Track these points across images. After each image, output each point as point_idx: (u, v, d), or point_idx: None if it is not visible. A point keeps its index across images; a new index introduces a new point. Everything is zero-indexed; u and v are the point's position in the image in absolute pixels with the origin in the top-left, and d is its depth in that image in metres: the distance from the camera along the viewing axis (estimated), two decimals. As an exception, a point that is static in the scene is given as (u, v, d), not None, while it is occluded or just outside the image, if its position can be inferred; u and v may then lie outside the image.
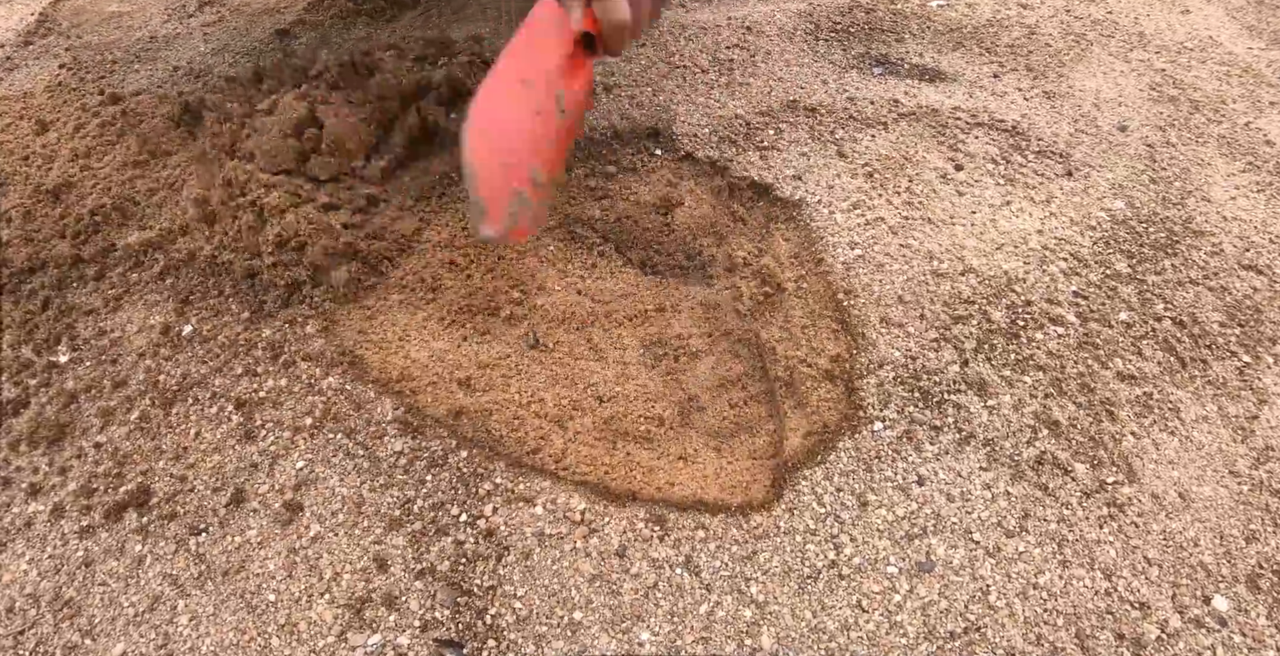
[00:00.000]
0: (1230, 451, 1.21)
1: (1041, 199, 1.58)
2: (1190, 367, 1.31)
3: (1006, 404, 1.21)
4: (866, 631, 0.97)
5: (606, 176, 1.55)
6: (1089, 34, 2.15)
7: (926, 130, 1.72)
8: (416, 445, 1.15)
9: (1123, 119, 1.84)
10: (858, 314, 1.31)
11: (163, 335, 1.31)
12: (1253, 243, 1.55)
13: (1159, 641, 1.00)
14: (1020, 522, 1.09)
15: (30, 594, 1.06)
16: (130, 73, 1.99)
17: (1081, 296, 1.39)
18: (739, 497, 1.08)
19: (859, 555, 1.04)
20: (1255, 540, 1.11)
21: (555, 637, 0.97)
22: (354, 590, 1.01)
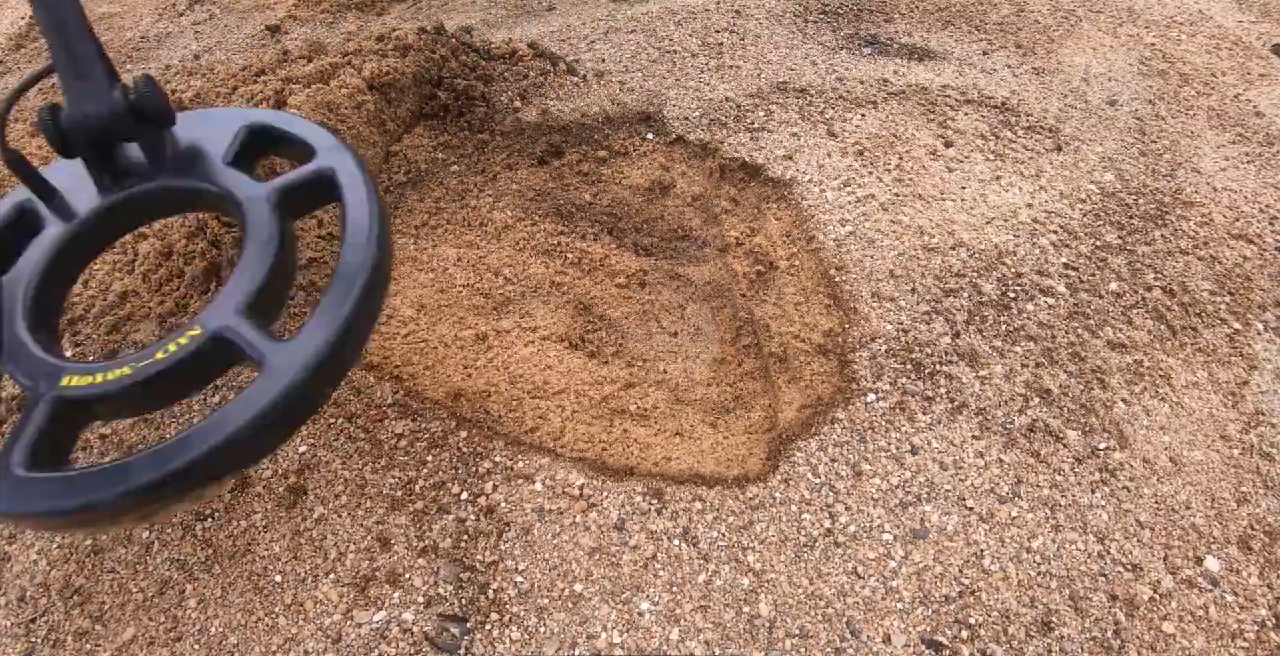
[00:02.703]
0: (1221, 416, 1.22)
1: (1031, 173, 1.59)
2: (1181, 335, 1.32)
3: (998, 373, 1.23)
4: (863, 597, 0.99)
5: (598, 161, 1.56)
6: (1078, 10, 2.15)
7: (916, 108, 1.72)
8: (416, 427, 1.16)
9: (1112, 93, 1.84)
10: (849, 289, 1.33)
11: (161, 327, 1.32)
12: (1242, 212, 1.56)
13: (1152, 602, 1.01)
14: (1013, 489, 1.10)
15: (41, 582, 1.08)
16: (123, 72, 2.00)
17: (1072, 268, 1.40)
18: (735, 470, 1.10)
19: (854, 523, 1.06)
20: (1246, 502, 1.13)
21: (557, 609, 0.98)
22: (358, 569, 1.03)
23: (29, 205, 1.00)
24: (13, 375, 0.86)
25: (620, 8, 2.04)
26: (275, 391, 0.79)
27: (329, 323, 0.86)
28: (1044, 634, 0.97)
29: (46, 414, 0.81)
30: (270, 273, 0.91)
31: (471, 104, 1.61)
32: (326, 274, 1.36)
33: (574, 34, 1.93)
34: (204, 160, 1.03)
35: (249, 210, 0.96)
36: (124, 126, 0.97)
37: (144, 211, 1.05)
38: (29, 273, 0.95)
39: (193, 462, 0.76)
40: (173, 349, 0.84)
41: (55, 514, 0.74)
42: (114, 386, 0.82)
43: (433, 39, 1.65)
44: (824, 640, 0.95)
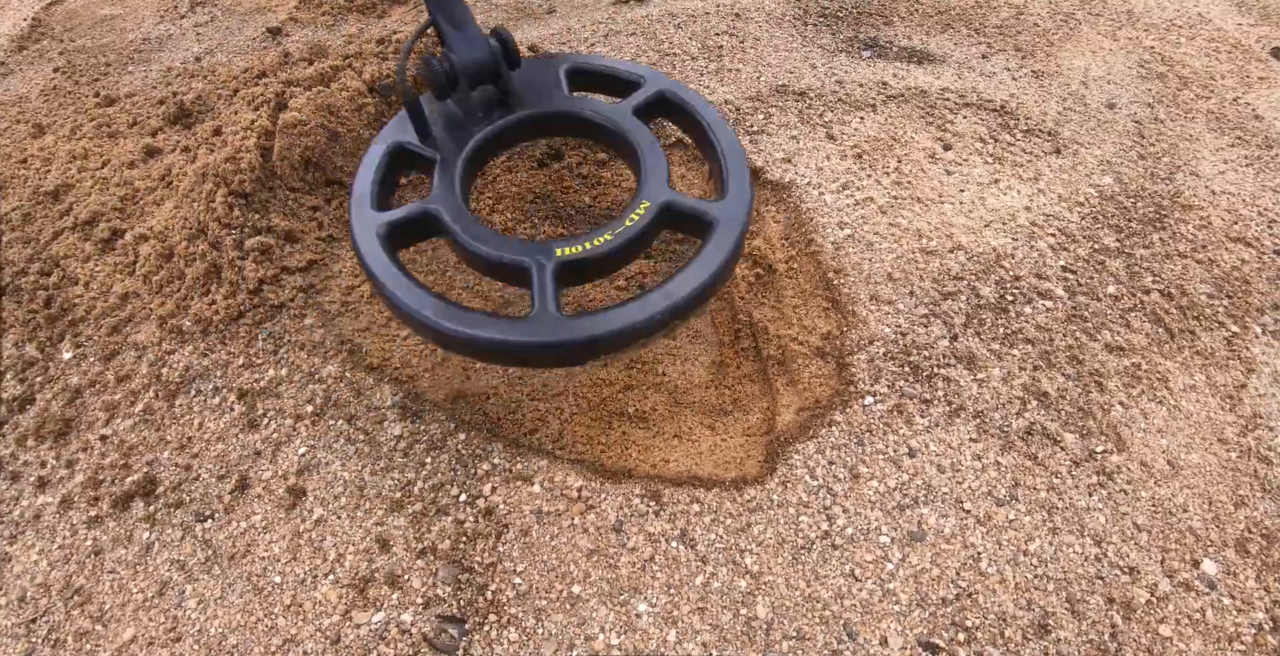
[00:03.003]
0: (1218, 419, 1.22)
1: (1030, 176, 1.59)
2: (1178, 338, 1.32)
3: (996, 376, 1.23)
4: (860, 599, 0.99)
5: (598, 164, 1.57)
6: (1077, 13, 2.16)
7: (915, 111, 1.73)
8: (416, 429, 1.17)
9: (1111, 96, 1.85)
10: (848, 292, 1.33)
11: (161, 328, 1.33)
12: (1241, 215, 1.56)
13: (1149, 605, 1.01)
14: (1010, 491, 1.10)
15: (41, 583, 1.09)
16: (125, 75, 2.01)
17: (1070, 271, 1.40)
18: (733, 472, 1.10)
19: (851, 525, 1.06)
20: (1244, 505, 1.13)
21: (555, 611, 0.99)
22: (357, 570, 1.03)
23: (406, 145, 1.21)
24: (505, 263, 1.07)
25: (620, 10, 2.04)
26: (735, 234, 1.07)
27: (742, 181, 1.14)
28: (1041, 636, 0.97)
29: (554, 276, 1.04)
30: (666, 161, 1.17)
31: (472, 107, 1.61)
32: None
33: (574, 36, 1.93)
34: (548, 95, 1.28)
35: (621, 123, 1.22)
36: (495, 69, 1.21)
37: (510, 137, 1.28)
38: (455, 193, 1.14)
39: (703, 287, 1.03)
40: (636, 218, 1.09)
41: (605, 338, 0.98)
42: (599, 251, 1.06)
43: (434, 41, 1.65)
44: (821, 642, 0.96)
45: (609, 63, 1.35)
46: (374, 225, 1.10)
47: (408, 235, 1.15)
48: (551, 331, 0.98)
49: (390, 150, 1.20)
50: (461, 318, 1.00)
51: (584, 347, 1.00)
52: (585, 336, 0.98)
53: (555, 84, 1.30)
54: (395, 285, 1.04)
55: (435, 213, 1.12)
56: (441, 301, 1.02)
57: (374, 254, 1.07)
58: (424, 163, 1.21)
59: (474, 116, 1.24)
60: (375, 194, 1.16)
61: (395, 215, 1.11)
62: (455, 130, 1.23)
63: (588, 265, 1.07)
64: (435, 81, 1.17)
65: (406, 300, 1.02)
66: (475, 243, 1.08)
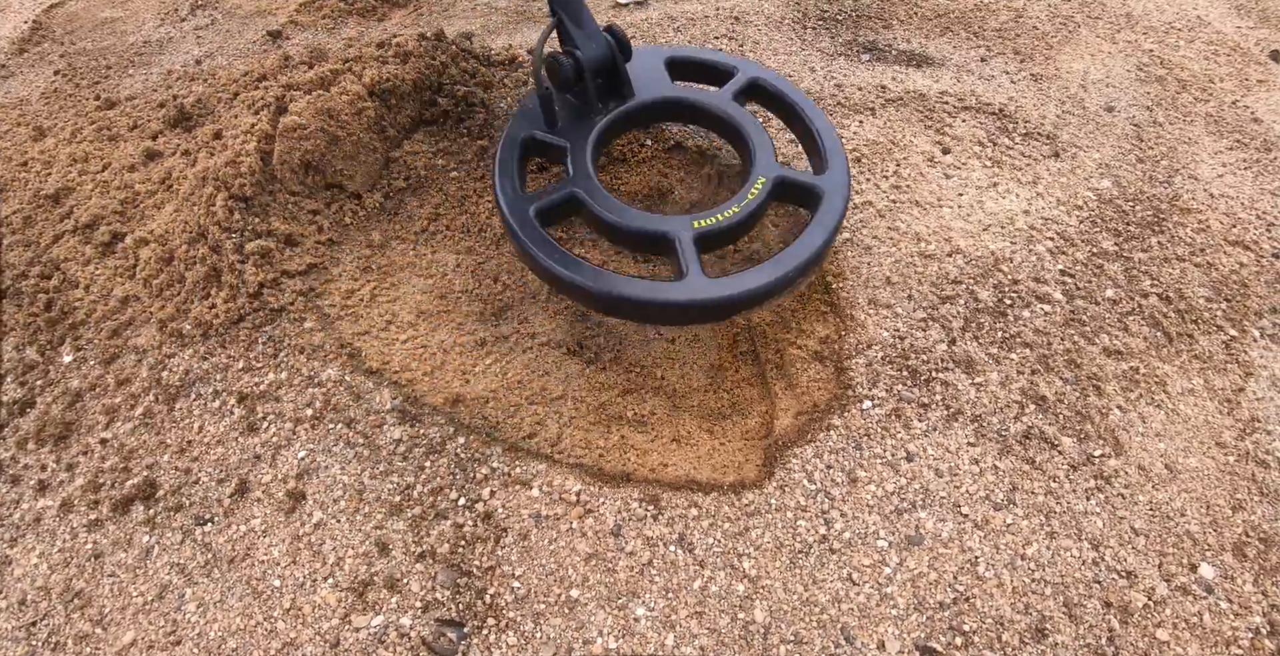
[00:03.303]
0: (1217, 423, 1.23)
1: (1028, 180, 1.59)
2: (1177, 342, 1.32)
3: (994, 380, 1.23)
4: (857, 603, 1.00)
5: (597, 167, 1.57)
6: (1076, 16, 2.16)
7: (914, 115, 1.73)
8: (415, 432, 1.17)
9: (1110, 99, 1.85)
10: (846, 296, 1.33)
11: (161, 331, 1.33)
12: (1239, 219, 1.56)
13: (1146, 609, 1.02)
14: (1008, 495, 1.10)
15: (41, 586, 1.09)
16: (125, 77, 2.01)
17: (1068, 274, 1.40)
18: (731, 476, 1.10)
19: (849, 530, 1.06)
20: (1242, 509, 1.13)
21: (553, 614, 0.99)
22: (356, 574, 1.04)
23: (537, 136, 1.35)
24: (646, 234, 1.22)
25: (620, 14, 2.05)
26: (840, 201, 1.25)
27: (840, 156, 1.32)
28: (1038, 640, 0.98)
29: (695, 245, 1.19)
30: (771, 140, 1.34)
31: (471, 110, 1.62)
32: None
33: (574, 40, 1.94)
34: (654, 86, 1.44)
35: (724, 107, 1.38)
36: (613, 62, 1.35)
37: (628, 124, 1.45)
38: (589, 177, 1.29)
39: (821, 246, 1.20)
40: (755, 192, 1.25)
41: (751, 295, 1.15)
42: (730, 221, 1.22)
43: (433, 45, 1.66)
44: (818, 646, 0.96)
45: (703, 53, 1.53)
46: (527, 210, 1.23)
47: (555, 216, 1.29)
48: (707, 290, 1.13)
49: (524, 141, 1.35)
50: (630, 284, 1.15)
51: (733, 304, 1.15)
52: (737, 293, 1.13)
53: (659, 74, 1.45)
54: (562, 263, 1.17)
55: (579, 195, 1.26)
56: (608, 272, 1.17)
57: (533, 233, 1.21)
58: (555, 150, 1.35)
59: (593, 106, 1.38)
60: (519, 182, 1.30)
61: (545, 200, 1.25)
62: (579, 120, 1.37)
63: (719, 234, 1.22)
64: (564, 75, 1.31)
65: (577, 275, 1.15)
66: (620, 218, 1.22)
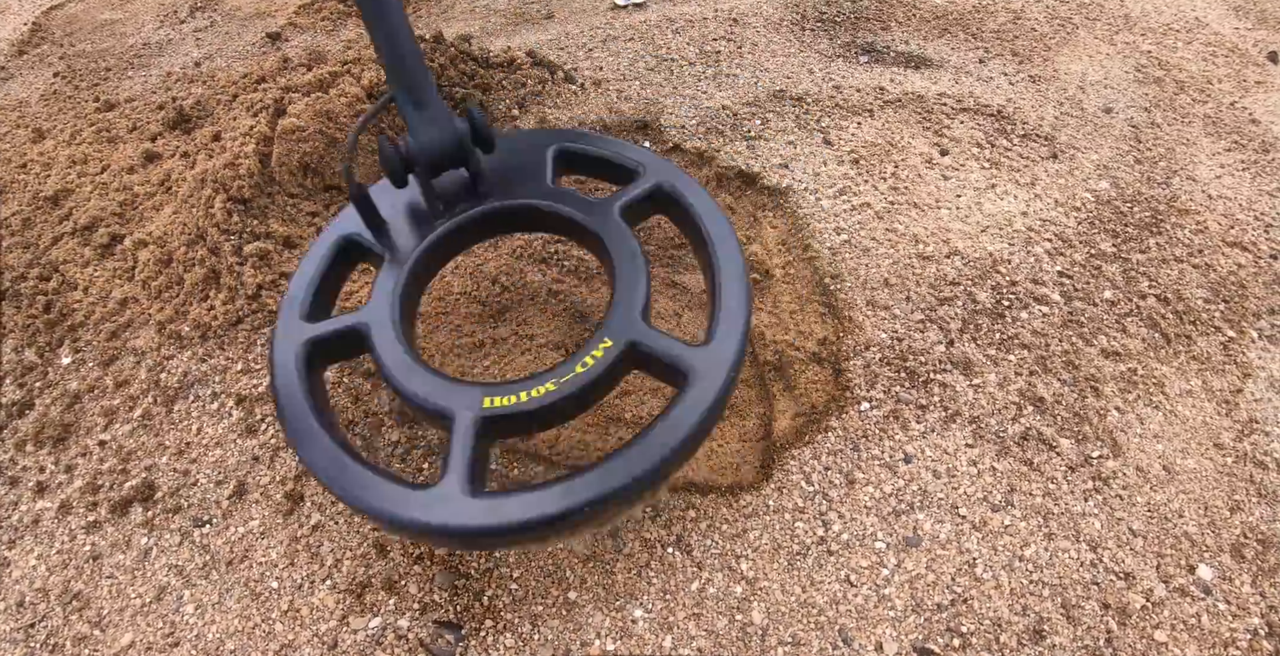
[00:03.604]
0: (1215, 424, 1.23)
1: (1026, 181, 1.59)
2: (1175, 343, 1.32)
3: (992, 382, 1.23)
4: (855, 605, 1.00)
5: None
6: (1075, 18, 2.16)
7: (912, 116, 1.73)
8: (413, 435, 1.17)
9: (1108, 101, 1.85)
10: (844, 297, 1.33)
11: (160, 333, 1.33)
12: (1237, 220, 1.57)
13: (1144, 610, 1.02)
14: (1006, 497, 1.11)
15: (40, 588, 1.09)
16: (124, 79, 2.02)
17: (1066, 276, 1.40)
18: (729, 478, 1.11)
19: (847, 531, 1.06)
20: (1239, 510, 1.13)
21: (551, 616, 0.99)
22: (354, 575, 1.04)
23: (355, 238, 1.07)
24: (422, 406, 0.89)
25: (618, 16, 2.05)
26: (714, 392, 0.86)
27: (735, 321, 0.93)
28: (1036, 642, 0.98)
29: (474, 434, 0.85)
30: (648, 282, 0.97)
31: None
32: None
33: (572, 42, 1.94)
34: (527, 183, 1.10)
35: (604, 226, 1.03)
36: (462, 153, 1.05)
37: (479, 232, 1.11)
38: (390, 307, 0.98)
39: (657, 464, 0.82)
40: (590, 362, 0.89)
41: (521, 528, 0.79)
42: (538, 402, 0.87)
43: (431, 47, 1.66)
44: (816, 648, 0.96)
45: (604, 146, 1.15)
46: (296, 339, 0.96)
47: (334, 353, 1.00)
48: (443, 512, 0.80)
49: (338, 242, 1.06)
50: (348, 477, 0.84)
51: (481, 536, 0.80)
52: (481, 524, 0.79)
53: (538, 169, 1.12)
54: (296, 418, 0.89)
55: (363, 328, 0.96)
56: (340, 452, 0.86)
57: (285, 373, 0.93)
58: (375, 259, 1.06)
59: (438, 207, 1.08)
60: (310, 298, 1.01)
61: (320, 329, 0.97)
62: (415, 222, 1.07)
63: (523, 420, 0.88)
64: (389, 167, 1.03)
65: (301, 442, 0.88)
66: (398, 377, 0.91)
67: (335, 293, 1.09)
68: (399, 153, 1.02)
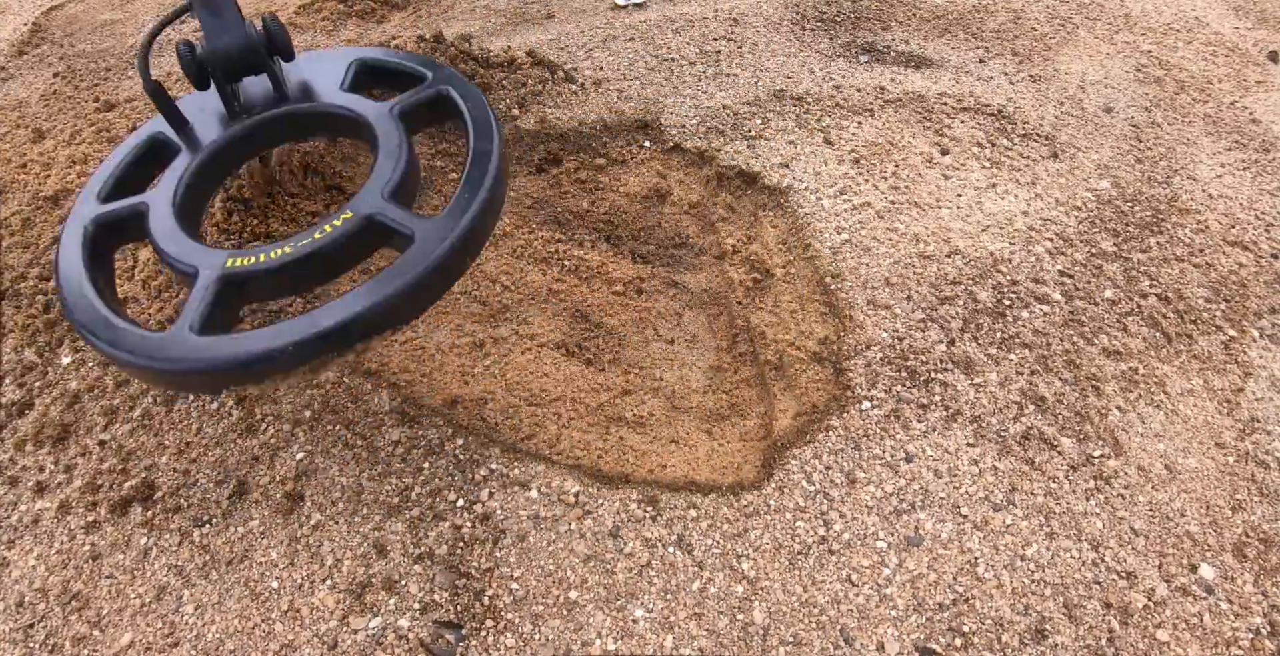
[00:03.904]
0: (1216, 423, 1.23)
1: (1027, 181, 1.59)
2: (1176, 342, 1.32)
3: (993, 381, 1.23)
4: (856, 604, 0.99)
5: (596, 169, 1.57)
6: (1075, 17, 2.16)
7: (913, 116, 1.73)
8: (413, 434, 1.17)
9: (1108, 100, 1.85)
10: (845, 297, 1.33)
11: (162, 334, 1.33)
12: (1238, 219, 1.56)
13: (1146, 609, 1.01)
14: (1007, 496, 1.10)
15: (39, 588, 1.09)
16: (124, 80, 2.01)
17: (1067, 275, 1.40)
18: (730, 478, 1.10)
19: (848, 531, 1.06)
20: (1241, 509, 1.13)
21: (552, 616, 0.99)
22: (355, 575, 1.03)
23: (161, 136, 1.16)
24: (172, 262, 0.97)
25: (619, 16, 2.05)
26: (431, 258, 0.92)
27: (469, 200, 0.99)
28: (1038, 641, 0.97)
29: (213, 291, 0.93)
30: (404, 170, 1.04)
31: (470, 112, 1.62)
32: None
33: (572, 42, 1.94)
34: (324, 89, 1.19)
35: (376, 124, 1.10)
36: (255, 58, 1.11)
37: (274, 134, 1.20)
38: (172, 188, 1.07)
39: (354, 318, 0.88)
40: (329, 229, 0.96)
41: (230, 365, 0.87)
42: (274, 264, 0.94)
43: (432, 47, 1.66)
44: (818, 647, 0.96)
45: (394, 57, 1.25)
46: (86, 217, 1.05)
47: (119, 233, 1.08)
48: (172, 351, 0.88)
49: (145, 138, 1.15)
50: (100, 327, 0.93)
51: (201, 376, 0.89)
52: (201, 362, 0.87)
53: (335, 80, 1.20)
54: (67, 283, 0.98)
55: (143, 209, 1.04)
56: (104, 309, 0.95)
57: (70, 246, 1.01)
58: (172, 154, 1.14)
59: (234, 109, 1.16)
60: (109, 183, 1.10)
61: (107, 208, 1.06)
62: (218, 124, 1.16)
63: (264, 280, 0.95)
64: (185, 69, 1.09)
65: (69, 300, 0.96)
66: (160, 241, 1.00)
67: (135, 183, 1.16)
68: (194, 56, 1.09)
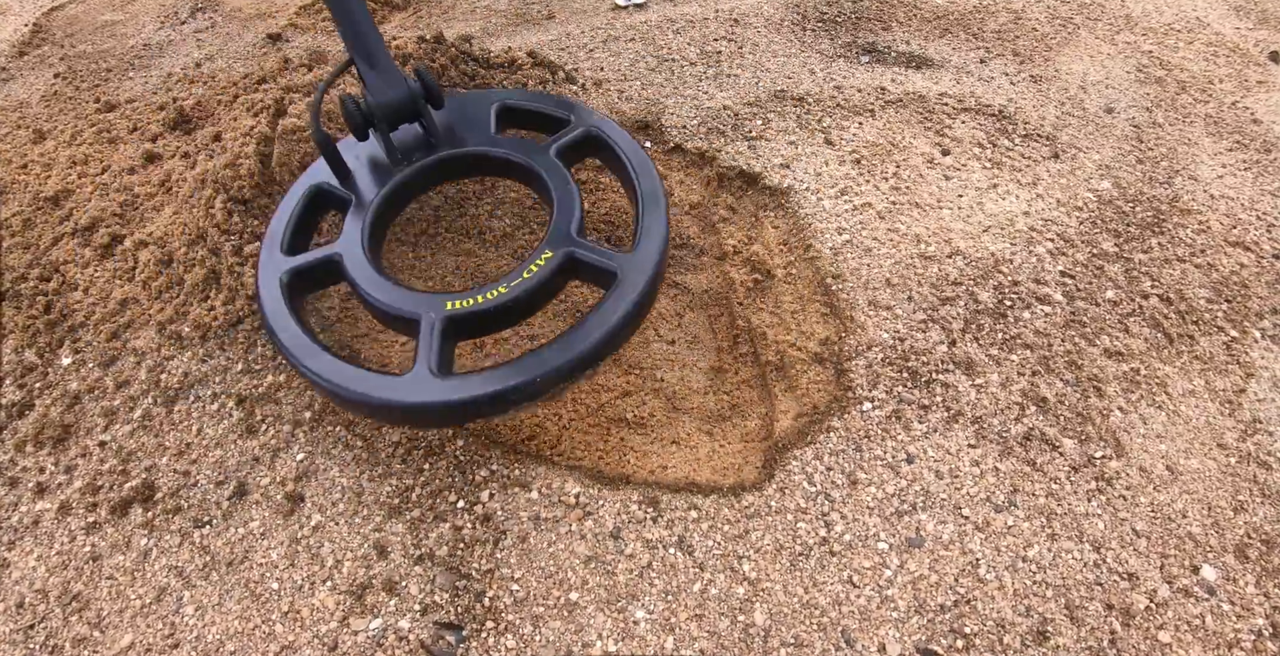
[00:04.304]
0: (1218, 424, 1.22)
1: (1028, 181, 1.59)
2: (1177, 343, 1.32)
3: (994, 382, 1.23)
4: (858, 606, 0.99)
5: (596, 169, 1.57)
6: (1075, 18, 2.16)
7: (913, 116, 1.73)
8: (413, 435, 1.16)
9: (1109, 101, 1.85)
10: (846, 298, 1.33)
11: (160, 334, 1.33)
12: (1240, 219, 1.56)
13: (1148, 611, 1.01)
14: (1009, 497, 1.10)
15: (39, 589, 1.09)
16: (125, 80, 2.01)
17: (1068, 276, 1.40)
18: (731, 479, 1.10)
19: (849, 532, 1.06)
20: (1243, 510, 1.13)
21: (552, 617, 0.98)
22: (355, 576, 1.03)
23: (326, 186, 1.21)
24: (391, 310, 1.04)
25: (619, 16, 2.05)
26: (639, 289, 1.02)
27: (654, 234, 1.09)
28: (1039, 643, 0.97)
29: (440, 332, 1.01)
30: (580, 206, 1.13)
31: (471, 112, 1.62)
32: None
33: (573, 42, 1.94)
34: (474, 135, 1.26)
35: (540, 167, 1.18)
36: (414, 108, 1.19)
37: (433, 178, 1.26)
38: (358, 236, 1.13)
39: (594, 347, 0.98)
40: (535, 269, 1.05)
41: (482, 401, 0.95)
42: (493, 303, 1.02)
43: (432, 48, 1.66)
44: (819, 649, 0.96)
45: (537, 101, 1.32)
46: (279, 270, 1.11)
47: (313, 281, 1.15)
48: (421, 391, 0.96)
49: (310, 191, 1.21)
50: (340, 373, 0.99)
51: (456, 410, 0.96)
52: (456, 398, 0.94)
53: (484, 123, 1.27)
54: (286, 334, 1.04)
55: (337, 258, 1.11)
56: (328, 355, 1.02)
57: (273, 299, 1.08)
58: (342, 205, 1.21)
59: (397, 158, 1.23)
60: (289, 236, 1.16)
61: (299, 260, 1.12)
62: (377, 172, 1.22)
63: (480, 319, 1.04)
64: (351, 121, 1.17)
65: (294, 351, 1.02)
66: (371, 291, 1.06)
67: (309, 234, 1.23)
68: (360, 109, 1.16)
